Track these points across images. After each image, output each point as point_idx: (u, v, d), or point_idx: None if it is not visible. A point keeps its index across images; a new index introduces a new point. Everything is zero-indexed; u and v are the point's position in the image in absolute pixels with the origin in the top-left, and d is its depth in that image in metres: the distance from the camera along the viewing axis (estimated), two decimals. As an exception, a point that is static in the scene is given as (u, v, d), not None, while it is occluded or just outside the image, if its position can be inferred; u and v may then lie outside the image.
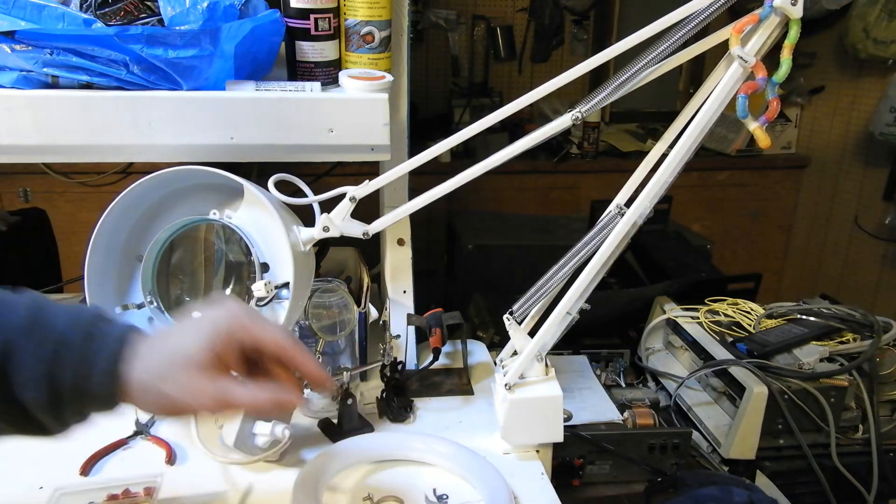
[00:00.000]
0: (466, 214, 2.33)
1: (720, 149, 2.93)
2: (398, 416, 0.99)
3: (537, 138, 0.83)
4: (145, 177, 0.82)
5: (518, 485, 0.86)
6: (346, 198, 0.83)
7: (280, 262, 0.83)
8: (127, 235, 0.88)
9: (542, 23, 3.02)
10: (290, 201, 0.82)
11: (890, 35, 2.51)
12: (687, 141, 0.79)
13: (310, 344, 0.95)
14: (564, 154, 2.79)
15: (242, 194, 0.84)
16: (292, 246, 0.79)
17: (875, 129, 2.60)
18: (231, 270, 0.92)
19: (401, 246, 1.15)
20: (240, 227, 0.81)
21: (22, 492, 0.82)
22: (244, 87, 0.89)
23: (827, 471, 1.13)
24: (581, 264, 0.86)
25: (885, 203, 2.71)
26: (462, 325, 1.09)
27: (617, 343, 1.45)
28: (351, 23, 0.95)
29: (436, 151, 0.84)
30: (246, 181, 0.79)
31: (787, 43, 0.73)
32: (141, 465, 0.88)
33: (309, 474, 0.82)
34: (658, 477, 1.08)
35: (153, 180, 0.81)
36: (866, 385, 1.15)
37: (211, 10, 0.84)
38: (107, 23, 0.83)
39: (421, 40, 2.98)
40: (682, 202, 2.58)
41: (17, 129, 0.86)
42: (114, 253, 0.86)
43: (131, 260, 0.88)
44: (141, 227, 0.88)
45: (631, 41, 0.79)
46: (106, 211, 0.84)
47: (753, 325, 1.29)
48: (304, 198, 0.85)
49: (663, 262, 1.69)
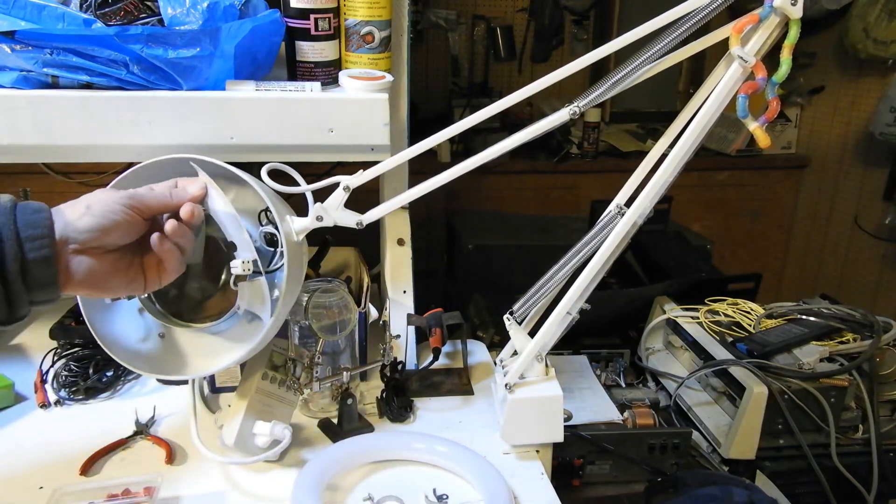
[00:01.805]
0: (466, 214, 2.33)
1: (720, 149, 2.93)
2: (398, 416, 0.99)
3: (535, 132, 0.83)
4: (135, 166, 0.81)
5: (518, 485, 0.86)
6: (340, 187, 0.83)
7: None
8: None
9: (542, 23, 3.02)
10: (284, 190, 0.82)
11: (890, 35, 2.51)
12: (687, 141, 0.79)
13: (310, 344, 0.95)
14: (564, 154, 2.79)
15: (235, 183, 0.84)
16: (285, 235, 0.79)
17: (875, 129, 2.59)
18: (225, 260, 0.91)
19: (401, 246, 1.15)
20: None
21: (22, 492, 0.82)
22: (244, 87, 0.89)
23: (827, 471, 1.13)
24: (581, 264, 0.86)
25: (885, 203, 2.71)
26: (462, 325, 1.09)
27: (617, 343, 1.45)
28: (351, 23, 0.95)
29: (433, 142, 0.84)
30: (238, 170, 0.79)
31: (786, 43, 0.73)
32: (141, 465, 0.88)
33: (309, 474, 0.82)
34: (658, 477, 1.08)
35: (143, 170, 0.80)
36: (866, 385, 1.15)
37: (211, 10, 0.84)
38: (107, 23, 0.83)
39: (421, 40, 2.98)
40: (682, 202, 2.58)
41: (17, 129, 0.86)
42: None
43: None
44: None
45: (631, 37, 0.79)
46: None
47: (753, 325, 1.29)
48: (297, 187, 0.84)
49: (663, 262, 1.69)
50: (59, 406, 1.00)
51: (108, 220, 0.67)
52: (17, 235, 0.61)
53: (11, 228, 0.61)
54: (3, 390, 1.00)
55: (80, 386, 1.02)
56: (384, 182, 1.14)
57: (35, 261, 0.62)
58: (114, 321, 0.84)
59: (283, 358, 0.91)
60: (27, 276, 0.62)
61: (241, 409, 0.86)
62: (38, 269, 0.62)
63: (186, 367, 0.84)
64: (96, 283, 0.68)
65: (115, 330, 0.84)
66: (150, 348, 0.85)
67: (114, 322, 0.84)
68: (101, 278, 0.68)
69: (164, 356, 0.84)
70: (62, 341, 1.10)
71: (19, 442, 0.93)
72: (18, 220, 0.62)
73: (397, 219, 1.15)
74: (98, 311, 0.83)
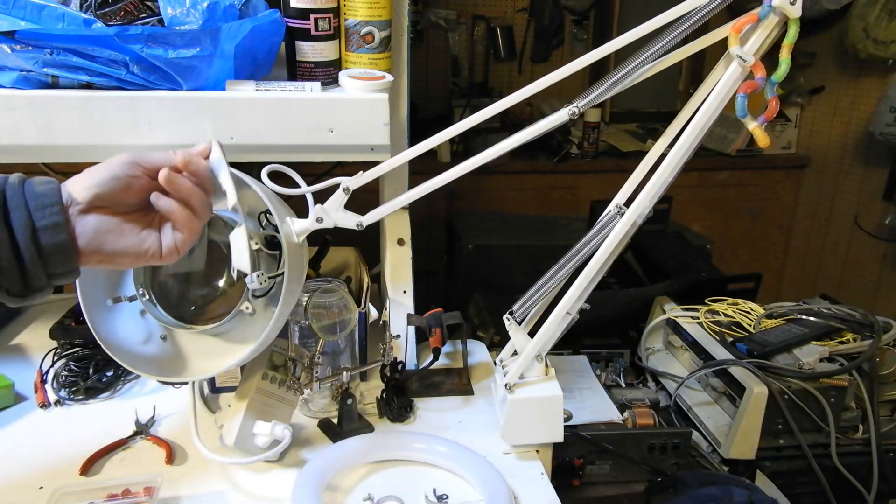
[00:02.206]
0: (466, 214, 2.33)
1: (720, 149, 2.93)
2: (398, 416, 0.99)
3: (535, 132, 0.83)
4: None
5: (518, 485, 0.86)
6: (340, 188, 0.83)
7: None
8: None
9: (542, 23, 3.02)
10: (284, 191, 0.82)
11: (890, 35, 2.51)
12: (686, 140, 0.79)
13: (310, 344, 0.95)
14: (564, 154, 2.79)
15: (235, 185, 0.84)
16: (286, 237, 0.79)
17: (875, 129, 2.59)
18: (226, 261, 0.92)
19: (401, 246, 1.15)
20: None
21: (22, 492, 0.82)
22: (244, 87, 0.89)
23: (827, 471, 1.13)
24: (581, 264, 0.86)
25: (885, 203, 2.71)
26: (462, 325, 1.09)
27: (617, 343, 1.45)
28: (351, 23, 0.95)
29: (433, 142, 0.84)
30: (238, 172, 0.79)
31: (785, 42, 0.73)
32: (141, 465, 0.88)
33: (309, 474, 0.82)
34: (658, 477, 1.08)
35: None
36: (866, 385, 1.15)
37: (211, 10, 0.84)
38: (107, 23, 0.83)
39: (421, 40, 2.98)
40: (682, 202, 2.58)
41: (17, 129, 0.86)
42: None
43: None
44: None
45: (630, 37, 0.79)
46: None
47: (753, 325, 1.29)
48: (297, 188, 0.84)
49: (663, 262, 1.69)
50: (59, 406, 1.00)
51: (107, 174, 0.66)
52: (25, 205, 0.62)
53: (20, 201, 0.62)
54: (3, 390, 1.00)
55: (80, 386, 1.02)
56: (384, 182, 1.14)
57: (45, 228, 0.62)
58: (116, 324, 0.84)
59: (283, 358, 0.91)
60: (39, 244, 0.62)
61: (241, 409, 0.86)
62: (49, 236, 0.62)
63: (188, 368, 0.84)
64: (106, 244, 0.66)
65: (117, 332, 0.84)
66: (152, 350, 0.85)
67: (116, 325, 0.84)
68: (111, 239, 0.67)
69: (165, 358, 0.85)
70: (62, 341, 1.10)
71: (19, 442, 0.93)
72: (27, 192, 0.63)
73: (397, 219, 1.15)
74: (100, 314, 0.83)
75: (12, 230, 0.61)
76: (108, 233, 0.67)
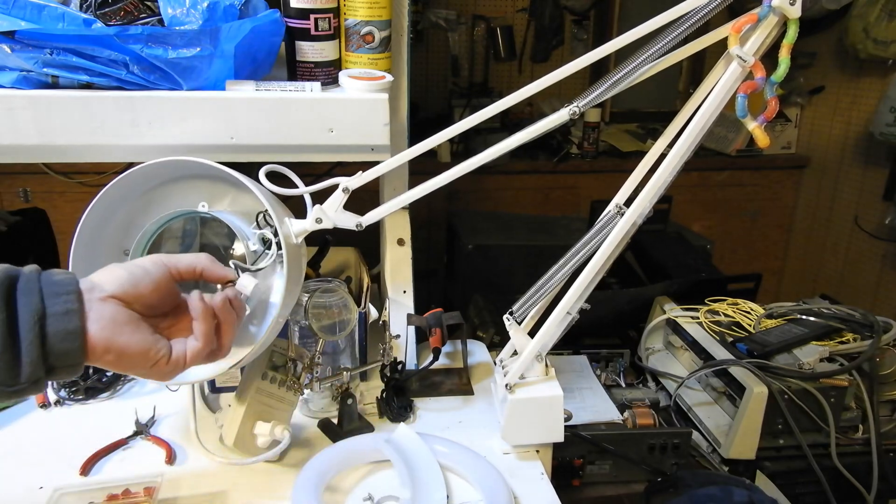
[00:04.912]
0: (466, 214, 2.33)
1: (720, 149, 2.93)
2: (398, 416, 0.99)
3: (535, 132, 0.83)
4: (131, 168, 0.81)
5: (518, 485, 0.86)
6: (339, 188, 0.83)
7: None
8: (113, 228, 0.87)
9: (542, 23, 3.02)
10: (282, 192, 0.82)
11: (890, 35, 2.51)
12: (686, 140, 0.79)
13: (310, 344, 0.95)
14: (564, 154, 2.79)
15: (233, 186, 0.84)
16: (284, 238, 0.79)
17: (875, 129, 2.59)
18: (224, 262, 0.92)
19: (401, 246, 1.15)
20: (227, 218, 0.80)
21: (22, 492, 0.82)
22: (244, 87, 0.89)
23: (827, 471, 1.13)
24: (581, 264, 0.86)
25: (885, 203, 2.71)
26: (462, 325, 1.09)
27: (617, 343, 1.45)
28: (351, 23, 0.95)
29: (433, 142, 0.84)
30: (236, 172, 0.79)
31: (785, 42, 0.73)
32: (141, 465, 0.88)
33: (309, 474, 0.82)
34: (658, 477, 1.08)
35: (139, 172, 0.80)
36: (866, 385, 1.15)
37: (211, 10, 0.84)
38: (107, 23, 0.83)
39: (421, 40, 2.98)
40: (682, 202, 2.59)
41: (17, 129, 0.86)
42: (99, 246, 0.85)
43: (118, 253, 0.88)
44: (127, 220, 0.87)
45: (630, 36, 0.79)
46: (90, 204, 0.83)
47: (753, 325, 1.29)
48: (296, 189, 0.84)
49: (663, 262, 1.69)
50: (59, 406, 1.00)
51: (139, 269, 0.65)
52: (40, 290, 0.58)
53: (34, 286, 0.58)
54: (3, 390, 1.00)
55: (80, 386, 1.02)
56: (384, 182, 1.14)
57: (56, 314, 0.58)
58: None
59: (284, 358, 0.91)
60: (45, 331, 0.57)
61: (241, 409, 0.86)
62: (58, 322, 0.58)
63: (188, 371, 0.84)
64: (119, 336, 0.62)
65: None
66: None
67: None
68: (126, 331, 0.63)
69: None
70: (62, 341, 1.10)
71: (19, 442, 0.93)
72: (43, 280, 0.59)
73: (397, 219, 1.15)
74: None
75: (15, 314, 0.56)
76: (125, 324, 0.63)
